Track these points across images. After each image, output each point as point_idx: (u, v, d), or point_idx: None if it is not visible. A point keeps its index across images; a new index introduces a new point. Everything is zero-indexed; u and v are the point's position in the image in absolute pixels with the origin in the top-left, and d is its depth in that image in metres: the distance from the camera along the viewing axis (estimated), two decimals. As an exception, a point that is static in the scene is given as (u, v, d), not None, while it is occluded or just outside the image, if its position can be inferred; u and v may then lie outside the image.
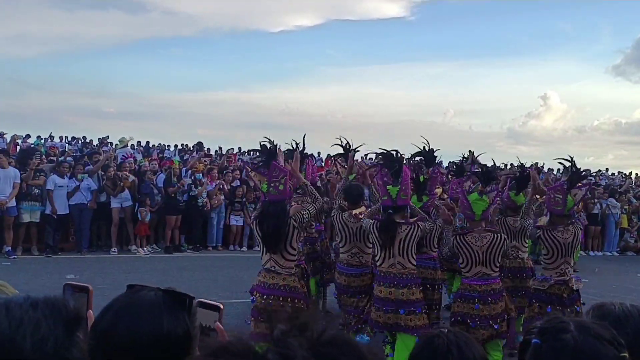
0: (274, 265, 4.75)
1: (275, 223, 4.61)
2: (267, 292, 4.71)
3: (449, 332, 1.37)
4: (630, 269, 12.28)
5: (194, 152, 18.67)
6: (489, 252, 4.96)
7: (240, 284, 9.11)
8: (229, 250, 12.44)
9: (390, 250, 4.86)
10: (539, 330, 1.21)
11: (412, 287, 4.86)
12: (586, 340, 1.14)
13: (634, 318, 1.40)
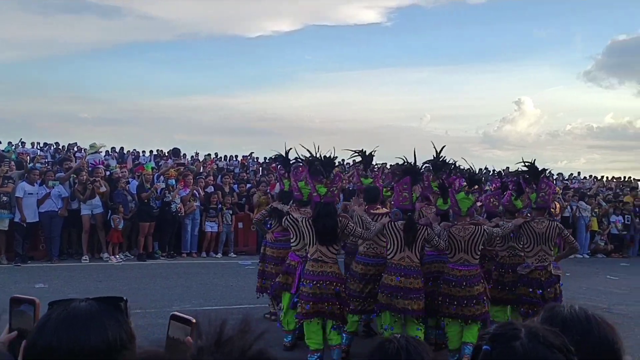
0: (322, 256, 5.59)
1: (331, 220, 5.54)
2: (317, 279, 5.54)
3: (400, 337, 1.39)
4: (600, 272, 12.52)
5: (169, 158, 18.52)
6: (471, 241, 5.81)
7: (213, 291, 9.05)
8: (203, 257, 12.33)
9: (403, 246, 5.67)
10: (490, 337, 1.22)
11: (418, 277, 5.67)
12: (535, 347, 1.15)
13: (581, 322, 1.42)
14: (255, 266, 11.41)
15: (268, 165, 22.39)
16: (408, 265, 5.65)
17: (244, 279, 10.16)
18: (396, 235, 5.71)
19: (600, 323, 1.42)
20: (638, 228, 15.57)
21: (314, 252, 5.60)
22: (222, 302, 8.32)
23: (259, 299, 7.53)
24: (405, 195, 5.74)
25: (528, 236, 6.29)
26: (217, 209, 12.53)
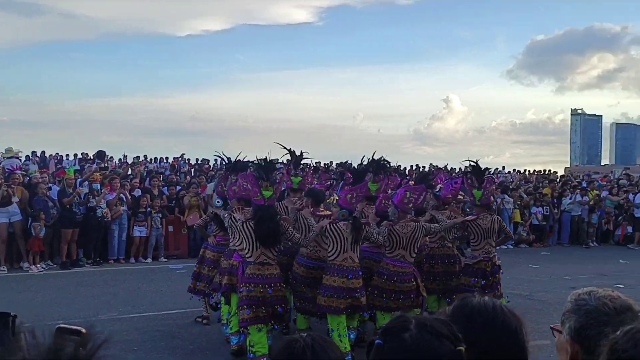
0: (267, 259, 5.51)
1: (273, 223, 5.47)
2: (265, 282, 5.43)
3: (307, 336, 1.38)
4: (523, 261, 13.07)
5: (95, 162, 17.81)
6: (412, 238, 6.05)
7: (142, 298, 8.77)
8: (131, 263, 11.93)
9: (347, 247, 5.70)
10: (382, 331, 1.25)
11: (359, 277, 5.76)
12: (423, 337, 1.19)
13: (487, 311, 1.47)
14: (187, 270, 11.19)
15: (201, 167, 21.99)
16: (350, 265, 5.69)
17: (174, 283, 9.91)
18: (339, 236, 5.70)
19: (507, 313, 1.47)
20: (556, 218, 16.43)
21: (258, 256, 5.47)
22: (151, 308, 8.07)
23: (191, 300, 7.37)
24: (351, 196, 5.86)
25: (475, 232, 6.70)
26: (146, 212, 12.16)
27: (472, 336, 1.42)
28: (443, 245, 7.03)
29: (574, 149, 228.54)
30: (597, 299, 1.56)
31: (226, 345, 6.31)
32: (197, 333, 6.83)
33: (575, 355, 1.53)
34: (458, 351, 1.19)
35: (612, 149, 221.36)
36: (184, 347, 6.32)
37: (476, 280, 6.54)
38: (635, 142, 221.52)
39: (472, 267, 6.66)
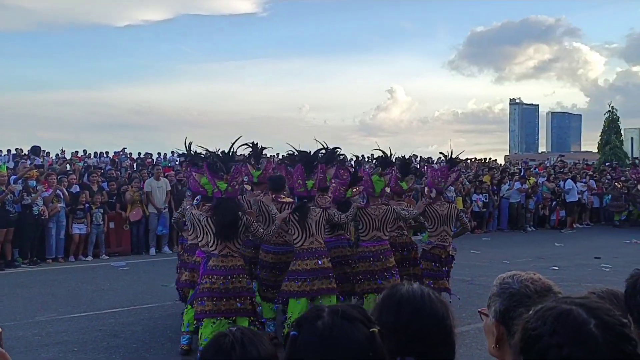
0: (230, 251, 5.46)
1: (230, 215, 5.39)
2: (228, 273, 5.38)
3: (236, 330, 1.37)
4: (465, 247, 13.41)
5: (29, 157, 17.04)
6: (384, 219, 6.37)
7: (83, 297, 8.50)
8: (70, 262, 11.53)
9: (309, 231, 5.85)
10: (296, 322, 1.26)
11: (326, 257, 5.92)
12: (335, 322, 1.22)
13: (415, 299, 1.52)
14: (129, 267, 10.96)
15: (143, 161, 21.43)
16: (317, 247, 5.89)
17: (117, 281, 9.67)
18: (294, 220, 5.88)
19: (434, 300, 1.52)
20: (496, 205, 17.00)
21: (222, 248, 5.43)
22: (92, 307, 7.83)
23: (134, 298, 7.19)
24: (300, 183, 5.99)
25: (432, 218, 6.96)
26: (85, 209, 11.76)
27: (402, 323, 1.46)
28: (401, 234, 7.17)
29: (512, 137, 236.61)
30: (519, 282, 1.63)
31: (170, 343, 6.22)
32: (141, 331, 6.68)
33: (501, 337, 1.59)
34: (372, 332, 1.22)
35: (548, 137, 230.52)
36: (127, 345, 6.17)
37: (437, 265, 6.87)
38: (569, 131, 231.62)
39: (428, 253, 6.95)
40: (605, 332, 1.08)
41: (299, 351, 1.23)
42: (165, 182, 12.84)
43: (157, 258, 12.08)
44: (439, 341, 1.47)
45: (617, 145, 31.81)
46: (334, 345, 1.20)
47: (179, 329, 6.72)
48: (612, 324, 1.10)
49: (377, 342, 1.22)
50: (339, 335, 1.20)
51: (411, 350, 1.43)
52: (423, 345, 1.44)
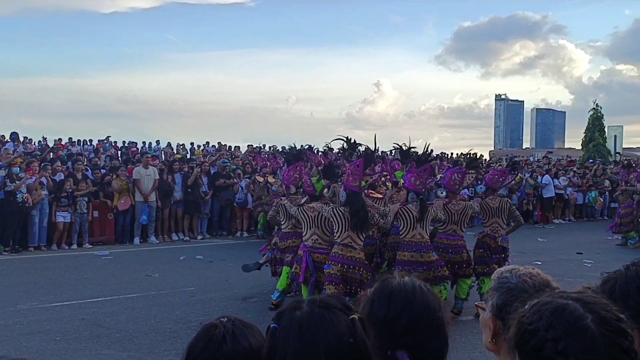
0: (351, 242, 5.99)
1: (364, 209, 6.02)
2: (345, 262, 5.91)
3: (227, 321, 1.35)
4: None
5: (8, 144, 16.77)
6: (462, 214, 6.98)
7: (65, 286, 8.41)
8: (53, 250, 11.40)
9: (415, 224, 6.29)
10: (276, 315, 1.26)
11: (429, 252, 6.34)
12: (314, 310, 1.23)
13: (406, 291, 1.51)
14: (113, 256, 10.86)
15: (128, 150, 21.20)
16: (419, 241, 6.28)
17: (100, 270, 9.58)
18: (408, 215, 6.31)
19: (426, 293, 1.51)
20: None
21: (344, 238, 5.99)
22: (75, 296, 7.75)
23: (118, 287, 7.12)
24: (421, 180, 6.49)
25: (486, 211, 7.37)
26: (68, 197, 11.62)
27: (393, 316, 1.44)
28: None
29: (497, 132, 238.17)
30: (517, 277, 1.62)
31: (154, 333, 6.18)
32: (124, 320, 6.62)
33: (498, 332, 1.58)
34: (352, 320, 1.22)
35: (533, 133, 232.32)
36: (110, 335, 6.11)
37: (487, 252, 7.28)
38: (553, 127, 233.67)
39: (480, 241, 7.38)
40: (601, 327, 1.08)
41: (279, 343, 1.22)
42: (154, 171, 12.71)
43: (141, 248, 11.99)
44: (430, 334, 1.46)
45: (600, 143, 32.15)
46: (313, 334, 1.20)
47: (162, 318, 6.72)
48: (609, 319, 1.10)
49: (357, 329, 1.22)
50: (317, 324, 1.20)
51: (403, 343, 1.42)
52: (415, 338, 1.43)
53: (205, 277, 9.12)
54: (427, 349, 1.45)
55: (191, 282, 8.65)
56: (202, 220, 13.61)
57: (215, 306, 7.27)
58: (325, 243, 6.40)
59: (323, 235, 6.41)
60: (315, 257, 6.30)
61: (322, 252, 6.31)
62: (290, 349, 1.20)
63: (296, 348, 1.19)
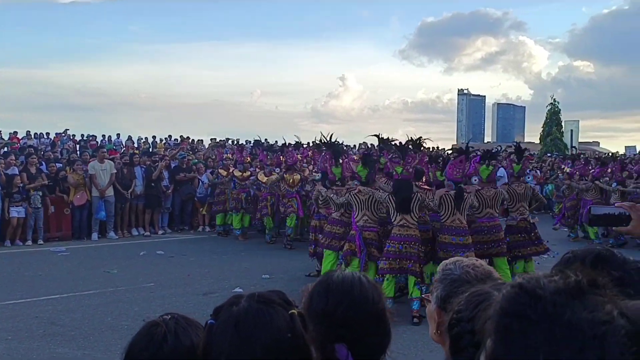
0: (406, 222, 6.80)
1: (407, 192, 6.84)
2: (403, 240, 6.74)
3: (170, 320, 1.31)
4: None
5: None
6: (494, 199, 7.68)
7: (19, 283, 8.15)
8: (7, 247, 11.02)
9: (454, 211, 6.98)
10: (214, 310, 1.23)
11: (467, 235, 7.01)
12: (252, 305, 1.21)
13: (344, 283, 1.50)
14: (70, 252, 10.58)
15: (87, 143, 20.67)
16: (458, 226, 7.00)
17: (56, 267, 9.32)
18: (449, 202, 6.99)
19: (365, 284, 1.50)
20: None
21: (399, 220, 6.83)
22: (29, 294, 7.52)
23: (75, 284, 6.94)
24: (457, 170, 7.26)
25: (512, 196, 8.15)
26: (21, 191, 11.24)
27: (330, 309, 1.43)
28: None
29: (460, 127, 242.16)
30: (461, 268, 1.63)
31: (111, 330, 6.04)
32: (80, 318, 6.46)
33: (442, 323, 1.58)
34: (291, 314, 1.21)
35: (494, 127, 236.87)
36: (65, 333, 5.95)
37: (523, 235, 7.97)
38: (514, 122, 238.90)
39: (515, 227, 8.00)
40: None
41: (215, 339, 1.18)
42: (110, 165, 12.40)
43: (99, 244, 11.72)
44: (370, 326, 1.45)
45: (557, 137, 33.01)
46: (249, 329, 1.17)
47: (120, 315, 6.58)
48: None
49: (296, 323, 1.20)
50: (255, 319, 1.18)
51: (342, 336, 1.41)
52: (354, 331, 1.42)
53: (165, 272, 8.98)
54: (366, 341, 1.44)
55: (151, 278, 8.51)
56: (163, 215, 13.39)
57: (175, 302, 7.17)
58: (374, 223, 7.27)
59: (372, 216, 7.25)
60: (365, 235, 7.12)
61: (372, 230, 7.22)
62: (226, 345, 1.16)
63: (232, 344, 1.16)
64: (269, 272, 8.92)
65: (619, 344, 0.65)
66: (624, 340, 0.65)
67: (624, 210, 1.94)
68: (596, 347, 0.65)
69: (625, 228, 1.95)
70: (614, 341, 0.65)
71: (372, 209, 7.21)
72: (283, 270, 9.19)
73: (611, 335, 0.65)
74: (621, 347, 0.65)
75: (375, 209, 7.23)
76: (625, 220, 1.93)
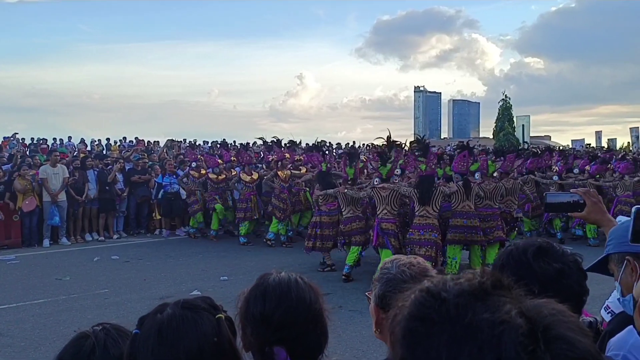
0: (426, 213, 7.93)
1: (429, 187, 7.98)
2: (422, 228, 7.88)
3: (100, 331, 1.30)
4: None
5: None
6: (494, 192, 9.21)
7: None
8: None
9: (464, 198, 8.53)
10: (139, 320, 1.22)
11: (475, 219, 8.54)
12: (176, 313, 1.21)
13: (281, 286, 1.51)
14: (20, 260, 10.24)
15: (37, 147, 20.01)
16: (467, 211, 8.51)
17: (5, 276, 9.00)
18: (459, 191, 8.45)
19: (301, 286, 1.51)
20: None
21: (421, 211, 7.95)
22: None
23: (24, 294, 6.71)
24: (462, 164, 8.72)
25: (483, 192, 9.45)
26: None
27: (268, 312, 1.44)
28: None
29: (417, 123, 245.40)
30: (397, 267, 1.66)
31: (62, 340, 5.87)
32: (30, 328, 6.27)
33: (380, 321, 1.62)
34: (217, 319, 1.21)
35: (450, 123, 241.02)
36: (14, 344, 5.77)
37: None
38: (469, 118, 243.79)
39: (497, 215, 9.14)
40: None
41: (139, 349, 1.17)
42: (63, 169, 12.05)
43: (51, 250, 11.36)
44: (307, 327, 1.46)
45: (510, 132, 33.90)
46: (173, 336, 1.17)
47: (72, 323, 6.42)
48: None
49: (222, 328, 1.21)
50: (179, 326, 1.18)
51: (279, 339, 1.42)
52: (291, 332, 1.43)
53: (120, 277, 8.80)
54: (304, 342, 1.45)
55: (105, 284, 8.32)
56: (118, 219, 13.11)
57: (130, 307, 7.04)
58: (392, 215, 8.17)
59: (392, 210, 8.17)
60: (383, 226, 8.07)
61: (390, 221, 8.12)
62: (149, 354, 1.16)
63: (155, 352, 1.16)
64: (228, 274, 8.87)
65: (515, 343, 0.66)
66: (520, 339, 0.66)
67: (578, 196, 2.02)
68: (493, 347, 0.66)
69: (579, 214, 2.02)
70: (511, 340, 0.66)
71: (392, 203, 8.17)
72: (242, 271, 9.14)
73: (508, 335, 0.66)
74: (518, 346, 0.66)
75: (395, 204, 8.22)
76: (580, 207, 2.00)
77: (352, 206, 8.72)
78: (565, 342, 0.68)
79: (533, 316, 0.70)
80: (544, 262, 1.56)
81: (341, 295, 7.55)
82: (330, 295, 7.37)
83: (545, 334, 0.68)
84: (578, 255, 1.66)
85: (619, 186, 11.70)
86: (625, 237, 1.62)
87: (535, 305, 0.72)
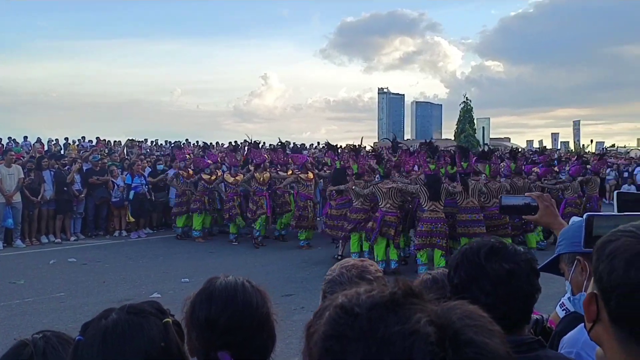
0: (436, 208, 8.81)
1: (438, 185, 8.89)
2: (432, 221, 8.78)
3: (40, 339, 1.27)
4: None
5: None
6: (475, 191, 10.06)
7: None
8: None
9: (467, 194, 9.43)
10: (83, 326, 1.20)
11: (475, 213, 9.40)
12: (120, 318, 1.18)
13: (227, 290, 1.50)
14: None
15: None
16: (471, 207, 9.42)
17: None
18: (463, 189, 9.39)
19: (248, 290, 1.50)
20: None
21: (430, 206, 8.81)
22: None
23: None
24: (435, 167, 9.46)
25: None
26: None
27: (213, 316, 1.43)
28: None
29: (381, 125, 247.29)
30: (339, 269, 1.69)
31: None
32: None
33: None
34: (164, 323, 1.20)
35: (413, 125, 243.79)
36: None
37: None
38: (432, 119, 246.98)
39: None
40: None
41: (82, 357, 1.14)
42: (18, 169, 11.68)
43: (5, 253, 11.00)
44: (253, 331, 1.45)
45: (470, 134, 34.58)
46: (118, 342, 1.14)
47: (26, 328, 6.23)
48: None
49: (170, 332, 1.19)
50: (124, 331, 1.15)
51: (226, 343, 1.41)
52: (236, 337, 1.43)
53: (77, 280, 8.60)
54: (250, 346, 1.44)
55: (61, 287, 8.12)
56: (76, 221, 12.79)
57: (87, 311, 6.87)
58: (395, 209, 9.17)
59: (394, 204, 9.15)
60: (386, 218, 9.03)
61: (392, 214, 9.11)
62: None
63: (99, 359, 1.13)
64: (189, 276, 8.77)
65: (425, 352, 0.67)
66: (430, 348, 0.67)
67: (531, 199, 2.08)
68: (406, 359, 0.67)
69: (532, 217, 2.07)
70: (421, 351, 0.67)
71: (394, 197, 9.13)
72: (203, 272, 9.04)
73: (418, 346, 0.67)
74: (427, 355, 0.67)
75: (396, 198, 9.16)
76: (534, 209, 2.05)
77: (362, 199, 9.72)
78: (474, 347, 0.69)
79: (442, 323, 0.71)
80: (495, 263, 1.59)
81: (303, 296, 7.56)
82: (293, 297, 7.38)
83: (453, 341, 0.69)
84: (531, 254, 1.70)
85: (569, 188, 12.02)
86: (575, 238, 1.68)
87: (444, 312, 0.73)
